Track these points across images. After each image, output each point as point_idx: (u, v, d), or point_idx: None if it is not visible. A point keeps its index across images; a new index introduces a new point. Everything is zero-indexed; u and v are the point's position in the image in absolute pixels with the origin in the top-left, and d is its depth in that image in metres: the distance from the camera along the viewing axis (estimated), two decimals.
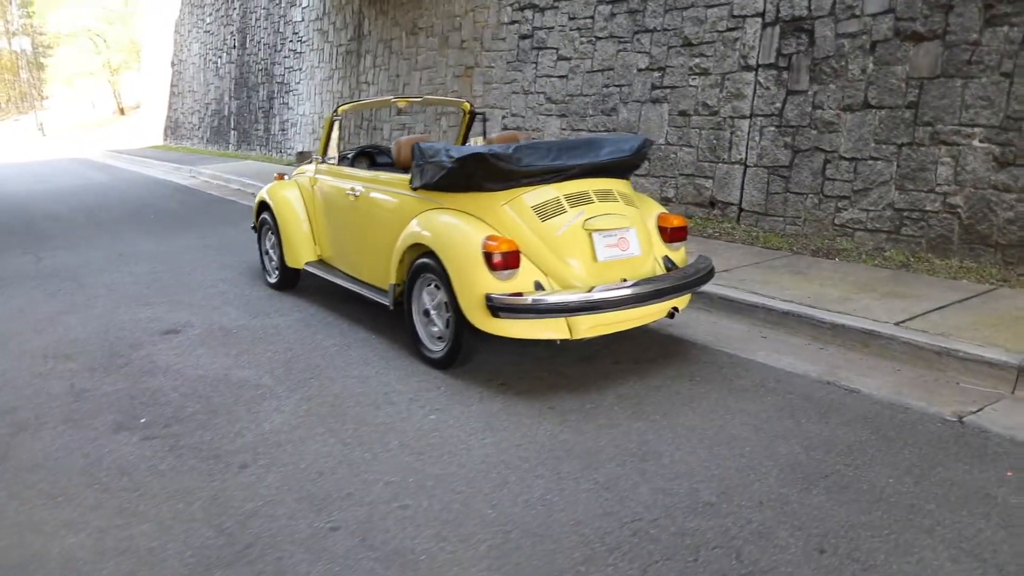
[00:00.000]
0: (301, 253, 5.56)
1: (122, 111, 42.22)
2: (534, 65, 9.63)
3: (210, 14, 21.54)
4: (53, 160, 24.64)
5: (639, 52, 8.12)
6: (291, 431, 3.42)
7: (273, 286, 5.98)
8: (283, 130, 17.02)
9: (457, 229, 3.86)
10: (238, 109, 19.64)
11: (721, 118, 7.29)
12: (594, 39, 8.66)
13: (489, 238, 3.73)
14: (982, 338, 3.96)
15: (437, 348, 4.13)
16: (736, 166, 7.14)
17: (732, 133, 7.18)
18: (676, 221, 4.33)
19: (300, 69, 16.11)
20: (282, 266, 5.74)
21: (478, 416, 3.52)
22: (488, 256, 3.68)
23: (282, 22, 16.83)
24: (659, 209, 4.39)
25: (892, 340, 4.11)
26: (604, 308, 3.65)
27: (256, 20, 18.24)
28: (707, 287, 4.99)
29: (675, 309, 4.05)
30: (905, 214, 5.89)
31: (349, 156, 5.64)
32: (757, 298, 4.84)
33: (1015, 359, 3.68)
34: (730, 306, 4.98)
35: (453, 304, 3.85)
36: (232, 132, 20.00)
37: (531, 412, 3.55)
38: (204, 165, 16.32)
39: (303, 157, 5.78)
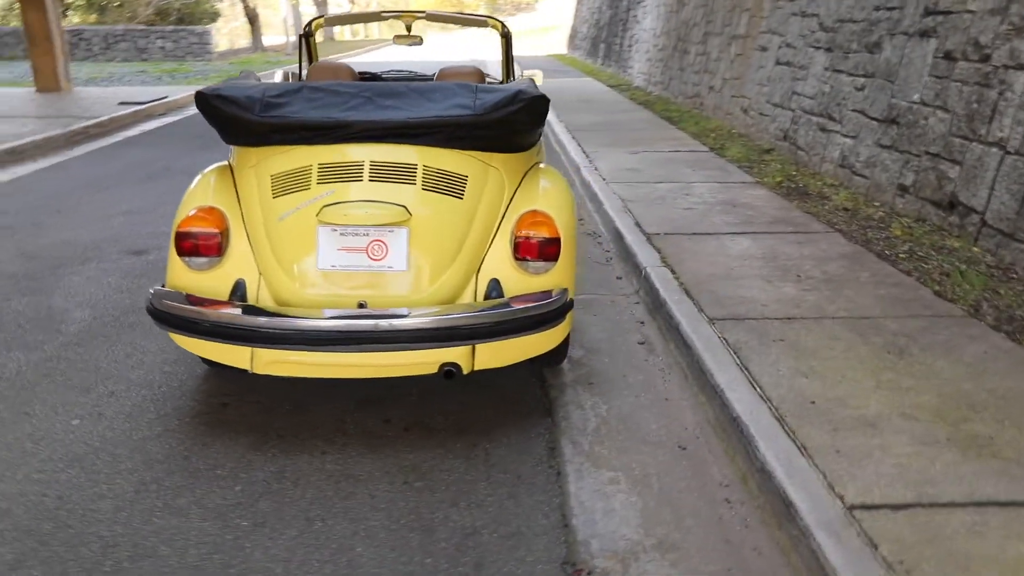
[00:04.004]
0: None
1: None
2: None
3: None
4: (454, 61, 27.51)
5: None
6: None
7: None
8: (630, 45, 16.34)
9: (187, 195, 3.08)
10: (610, 20, 19.39)
11: (991, 67, 4.72)
12: None
13: (198, 211, 2.92)
14: None
15: None
16: (993, 149, 4.60)
17: (1000, 93, 4.60)
18: (541, 229, 2.90)
19: None
20: None
21: (102, 441, 2.83)
22: (177, 236, 2.90)
23: None
24: (529, 206, 2.98)
25: (803, 536, 2.22)
26: (263, 341, 2.62)
27: None
28: (703, 352, 3.33)
29: (452, 367, 2.73)
30: None
31: None
32: (729, 381, 3.06)
33: None
34: (700, 380, 3.26)
35: None
36: (601, 45, 19.91)
37: (136, 462, 2.76)
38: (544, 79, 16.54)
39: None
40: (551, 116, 10.54)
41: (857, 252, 4.65)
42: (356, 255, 2.74)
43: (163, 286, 2.89)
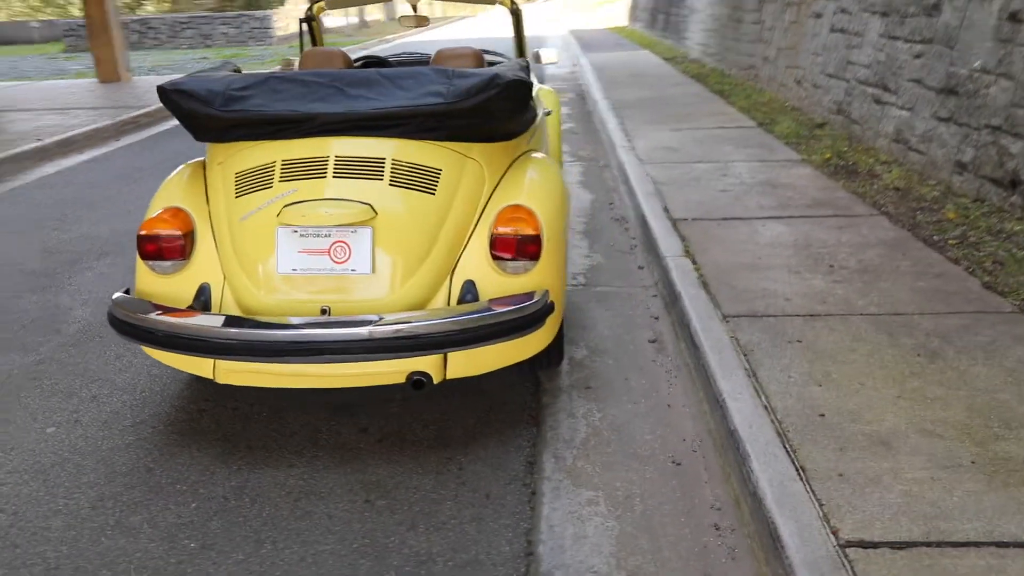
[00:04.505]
0: None
1: None
2: None
3: None
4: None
5: None
6: None
7: None
8: (687, 16, 15.74)
9: (156, 195, 2.97)
10: None
11: None
12: None
13: (162, 212, 2.81)
14: None
15: None
16: None
17: None
18: (521, 225, 2.68)
19: None
20: None
21: (72, 451, 2.76)
22: (140, 239, 2.79)
23: None
24: (510, 200, 2.77)
25: (786, 570, 1.98)
26: (215, 352, 2.48)
27: None
28: (710, 353, 3.08)
29: (421, 377, 2.55)
30: None
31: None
32: (733, 388, 2.80)
33: None
34: (706, 386, 3.00)
35: None
36: (660, 16, 19.28)
37: (97, 461, 2.67)
38: (597, 53, 16.14)
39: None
40: (596, 94, 10.19)
41: (901, 238, 4.27)
42: (318, 258, 2.58)
43: (127, 291, 2.79)
